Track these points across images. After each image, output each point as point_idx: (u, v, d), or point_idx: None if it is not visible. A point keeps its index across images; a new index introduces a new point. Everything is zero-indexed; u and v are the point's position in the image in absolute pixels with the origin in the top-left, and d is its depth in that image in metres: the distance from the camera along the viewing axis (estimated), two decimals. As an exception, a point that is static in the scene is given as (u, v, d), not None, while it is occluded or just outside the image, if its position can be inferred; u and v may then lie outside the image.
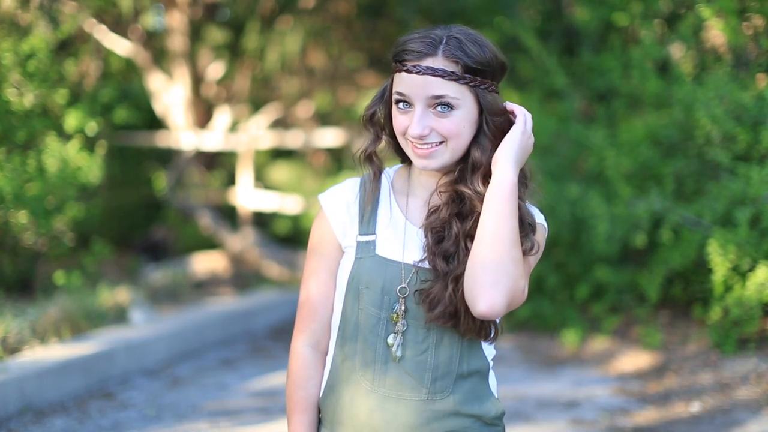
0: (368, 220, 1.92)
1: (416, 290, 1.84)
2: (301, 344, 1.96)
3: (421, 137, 1.82)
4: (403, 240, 1.89)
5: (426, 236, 1.86)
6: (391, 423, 1.85)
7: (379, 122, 1.93)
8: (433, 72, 1.80)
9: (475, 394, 1.88)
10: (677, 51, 6.40)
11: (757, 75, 5.41)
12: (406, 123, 1.84)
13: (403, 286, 1.85)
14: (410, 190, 1.95)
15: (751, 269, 4.84)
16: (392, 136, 1.94)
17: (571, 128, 6.56)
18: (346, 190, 1.96)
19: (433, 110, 1.82)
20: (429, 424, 1.85)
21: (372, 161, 1.95)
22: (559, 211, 6.16)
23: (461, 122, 1.83)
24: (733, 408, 4.28)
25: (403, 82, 1.83)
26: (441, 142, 1.83)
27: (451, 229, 1.85)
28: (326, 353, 1.97)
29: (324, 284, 1.95)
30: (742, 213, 4.77)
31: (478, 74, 1.83)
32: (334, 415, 1.91)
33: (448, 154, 1.85)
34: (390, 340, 1.85)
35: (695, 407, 4.41)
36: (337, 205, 1.94)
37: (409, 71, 1.82)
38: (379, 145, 1.94)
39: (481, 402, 1.89)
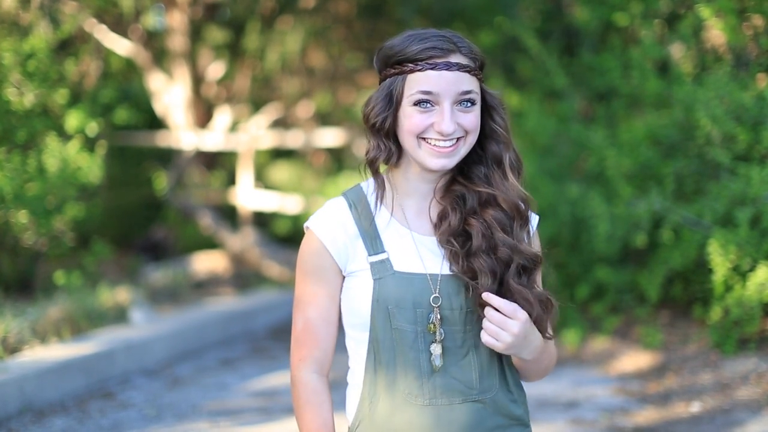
0: (372, 237, 1.87)
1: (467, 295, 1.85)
2: (305, 372, 1.90)
3: (452, 133, 1.83)
4: (416, 251, 1.88)
5: (448, 244, 1.86)
6: (449, 431, 1.84)
7: (387, 130, 1.89)
8: (462, 68, 1.83)
9: (507, 390, 1.92)
10: (677, 51, 6.39)
11: (758, 75, 5.40)
12: (428, 122, 1.83)
13: (436, 295, 1.84)
14: (401, 199, 1.93)
15: (752, 269, 4.84)
16: (395, 141, 1.90)
17: (571, 128, 6.55)
18: (337, 212, 1.90)
19: (457, 107, 1.84)
20: (483, 423, 1.86)
21: (378, 171, 1.92)
22: (559, 211, 6.16)
23: (478, 116, 1.87)
24: (734, 408, 4.28)
25: (431, 81, 1.82)
26: (460, 138, 1.85)
27: (473, 228, 1.87)
28: (328, 377, 1.94)
29: (325, 309, 1.90)
30: (743, 213, 4.77)
31: (482, 71, 1.90)
32: None
33: (463, 150, 1.87)
34: (432, 349, 1.84)
35: (695, 407, 4.41)
36: (331, 229, 1.88)
37: (436, 68, 1.81)
38: (386, 153, 1.90)
39: (519, 398, 1.94)
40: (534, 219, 1.99)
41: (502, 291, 1.85)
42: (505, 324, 1.79)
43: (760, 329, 4.99)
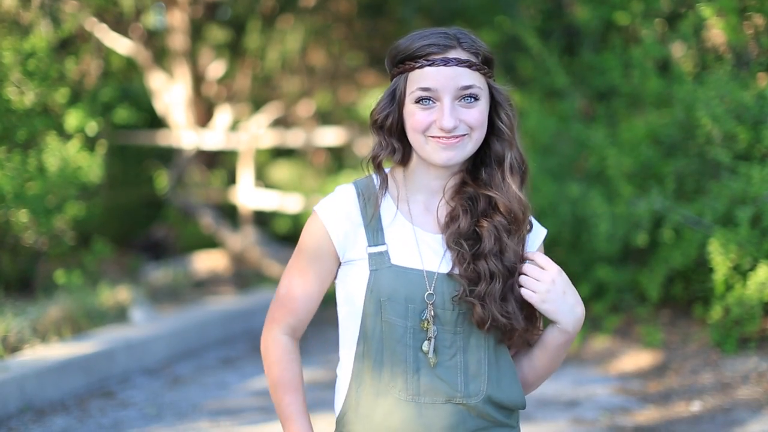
0: (375, 229, 1.88)
1: (455, 299, 1.85)
2: (277, 332, 1.95)
3: (453, 129, 1.82)
4: (416, 247, 1.88)
5: (456, 246, 1.86)
6: (430, 429, 1.84)
7: (390, 127, 1.90)
8: (461, 62, 1.82)
9: (501, 390, 1.89)
10: (678, 50, 6.39)
11: (758, 74, 5.40)
12: (430, 119, 1.83)
13: (431, 292, 1.84)
14: (408, 195, 1.93)
15: (752, 268, 4.84)
16: (400, 139, 1.91)
17: (572, 127, 6.55)
18: (344, 200, 1.91)
19: (459, 102, 1.83)
20: (464, 424, 1.85)
21: (381, 168, 1.93)
22: (559, 210, 6.16)
23: (484, 112, 1.86)
24: (734, 407, 4.28)
25: (428, 77, 1.82)
26: (464, 135, 1.84)
27: (484, 230, 1.87)
28: (299, 341, 1.99)
29: (310, 285, 1.93)
30: (743, 212, 4.77)
31: (489, 66, 1.88)
32: None
33: (470, 146, 1.86)
34: (425, 347, 1.84)
35: (696, 406, 4.41)
36: (336, 217, 1.89)
37: (434, 64, 1.82)
38: (389, 151, 1.91)
39: (510, 397, 1.91)
40: (541, 233, 2.00)
41: (507, 296, 1.87)
42: (541, 275, 1.86)
43: (760, 328, 4.99)
